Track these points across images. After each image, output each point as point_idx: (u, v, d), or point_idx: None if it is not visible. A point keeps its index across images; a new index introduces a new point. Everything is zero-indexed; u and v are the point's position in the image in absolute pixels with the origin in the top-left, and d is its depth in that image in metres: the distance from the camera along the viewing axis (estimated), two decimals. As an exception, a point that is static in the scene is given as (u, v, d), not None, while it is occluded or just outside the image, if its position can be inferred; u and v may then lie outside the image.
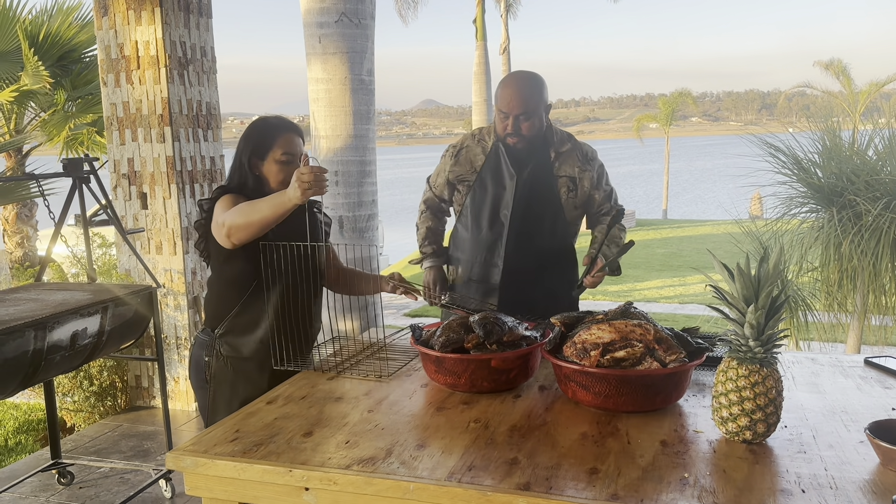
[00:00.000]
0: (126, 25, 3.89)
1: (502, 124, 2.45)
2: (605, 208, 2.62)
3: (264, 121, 2.23)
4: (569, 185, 2.52)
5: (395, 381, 1.99)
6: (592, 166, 2.56)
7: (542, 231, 2.51)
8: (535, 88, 2.42)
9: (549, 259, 2.53)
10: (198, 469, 1.54)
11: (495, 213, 2.51)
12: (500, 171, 2.51)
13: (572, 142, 2.57)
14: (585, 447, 1.52)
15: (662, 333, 1.68)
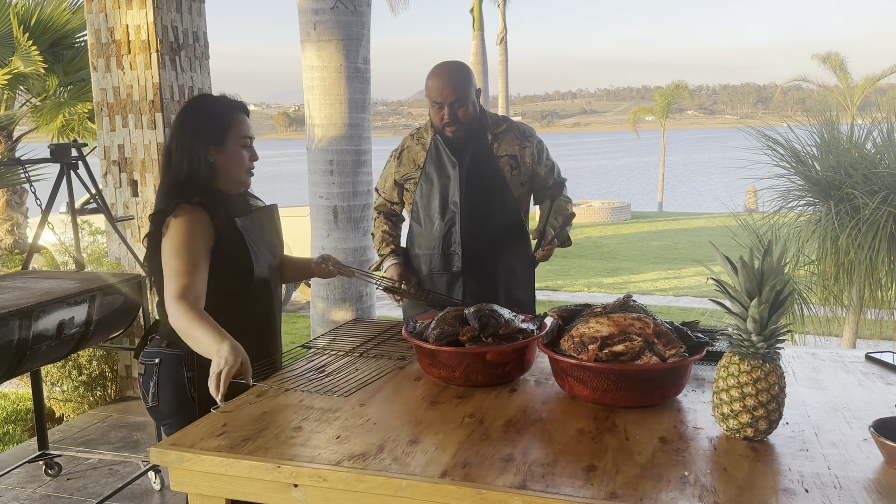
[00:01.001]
0: (117, 9, 3.81)
1: (438, 115, 2.51)
2: (549, 181, 2.68)
3: (217, 101, 2.02)
4: (511, 163, 2.58)
5: (388, 374, 1.95)
6: (531, 142, 2.63)
7: (492, 212, 2.57)
8: (463, 75, 2.50)
9: (504, 237, 2.59)
10: (183, 464, 1.49)
11: (445, 203, 2.57)
12: (442, 162, 2.58)
13: (507, 122, 2.64)
14: (582, 444, 1.48)
15: (662, 327, 1.64)
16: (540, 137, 2.70)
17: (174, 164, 1.94)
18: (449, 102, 2.46)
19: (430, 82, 2.51)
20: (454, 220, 2.56)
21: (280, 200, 11.36)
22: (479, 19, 14.35)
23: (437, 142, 2.59)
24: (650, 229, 16.67)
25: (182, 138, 1.94)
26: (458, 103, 2.47)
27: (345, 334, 2.42)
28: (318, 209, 5.09)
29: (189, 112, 1.98)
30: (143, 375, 2.02)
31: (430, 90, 2.50)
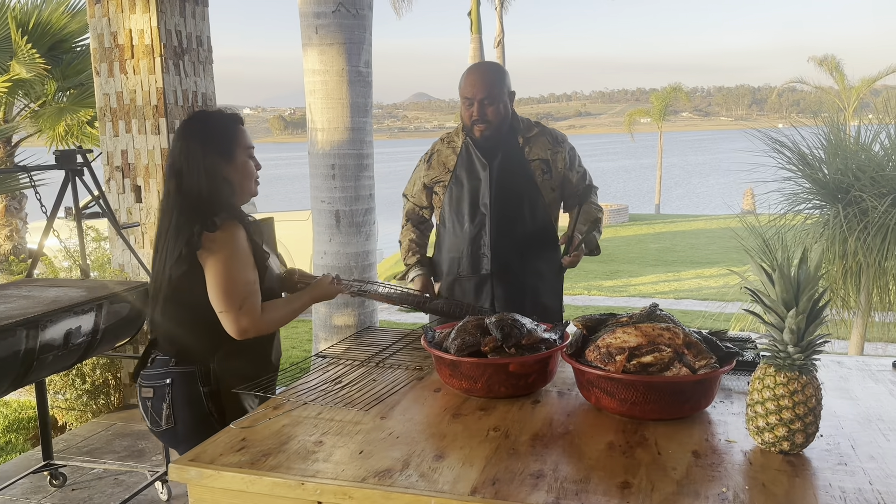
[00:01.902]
0: (120, 13, 3.77)
1: (468, 112, 2.50)
2: (580, 188, 2.65)
3: (218, 116, 1.99)
4: (542, 167, 2.56)
5: (407, 386, 1.91)
6: (563, 147, 2.60)
7: (522, 216, 2.54)
8: (496, 74, 2.50)
9: (533, 242, 2.56)
10: (203, 481, 1.45)
11: (475, 206, 2.55)
12: (472, 165, 2.56)
13: (539, 127, 2.63)
14: (614, 458, 1.44)
15: (692, 338, 1.60)
16: (572, 144, 2.67)
17: (190, 184, 1.89)
18: (479, 99, 2.45)
19: (463, 79, 2.51)
20: (484, 223, 2.53)
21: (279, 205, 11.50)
22: (477, 22, 14.32)
23: (468, 144, 2.57)
24: (648, 231, 16.66)
25: (193, 157, 1.89)
26: (488, 100, 2.46)
27: (358, 343, 2.37)
28: (321, 214, 5.05)
29: (194, 130, 1.94)
30: (152, 399, 1.93)
31: (463, 86, 2.50)
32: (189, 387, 1.91)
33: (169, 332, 1.95)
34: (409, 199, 2.79)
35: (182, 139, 1.93)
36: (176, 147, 1.94)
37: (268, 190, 33.04)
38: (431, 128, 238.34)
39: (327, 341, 5.14)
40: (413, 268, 2.69)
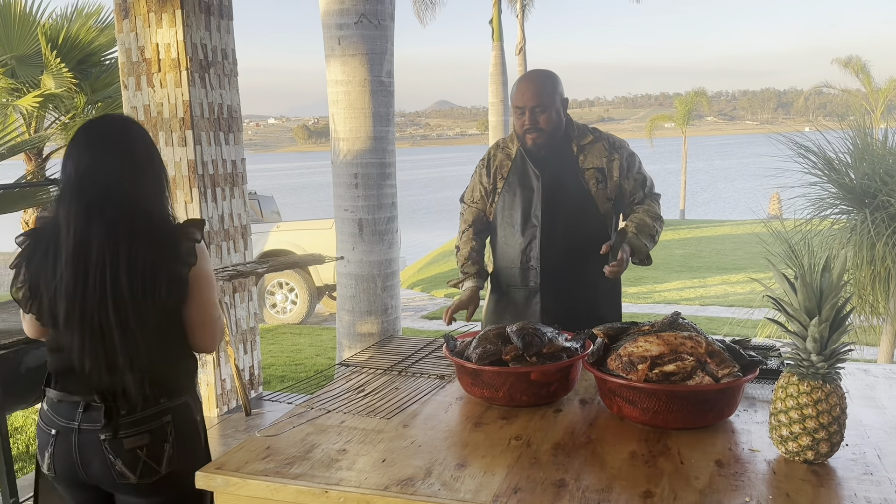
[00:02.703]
0: (147, 28, 3.84)
1: (520, 121, 2.46)
2: (638, 197, 2.54)
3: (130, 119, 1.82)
4: (597, 176, 2.48)
5: (429, 394, 1.92)
6: (621, 154, 2.51)
7: (574, 227, 2.47)
8: (549, 81, 2.45)
9: (588, 255, 2.44)
10: (229, 489, 1.48)
11: (527, 217, 2.50)
12: (526, 174, 2.52)
13: (595, 133, 2.55)
14: (636, 468, 1.44)
15: (714, 346, 1.60)
16: (632, 150, 2.57)
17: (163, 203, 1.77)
18: (530, 107, 2.40)
19: (514, 88, 2.47)
20: (535, 235, 2.48)
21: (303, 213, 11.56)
22: (499, 30, 14.35)
23: (521, 153, 2.52)
24: (673, 237, 16.51)
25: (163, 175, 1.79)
26: (540, 108, 2.41)
27: (380, 352, 2.39)
28: (344, 222, 5.09)
29: (150, 143, 1.78)
30: (148, 445, 1.67)
31: (514, 96, 2.46)
32: (186, 419, 1.75)
33: (156, 365, 1.68)
34: (470, 205, 2.69)
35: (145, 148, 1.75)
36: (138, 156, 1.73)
37: (292, 199, 33.35)
38: (454, 135, 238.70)
39: (351, 349, 5.18)
40: (469, 278, 2.57)
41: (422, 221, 24.09)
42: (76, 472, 1.70)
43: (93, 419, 1.66)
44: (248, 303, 4.38)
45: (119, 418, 1.66)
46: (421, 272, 14.04)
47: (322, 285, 9.06)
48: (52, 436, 1.69)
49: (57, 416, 1.70)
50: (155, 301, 1.65)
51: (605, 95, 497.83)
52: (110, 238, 1.64)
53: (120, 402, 1.66)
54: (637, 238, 2.43)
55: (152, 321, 1.65)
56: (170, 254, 1.68)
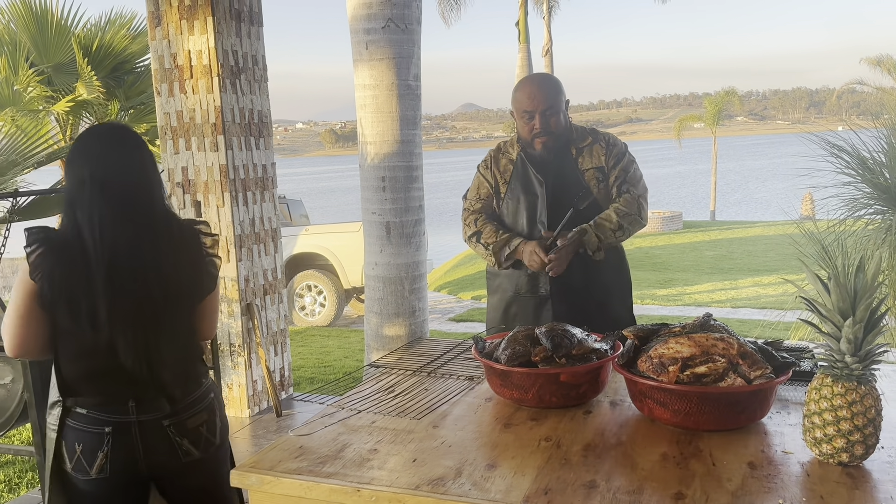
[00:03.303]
0: (179, 35, 3.92)
1: (528, 125, 2.44)
2: (623, 189, 2.50)
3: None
4: (597, 175, 2.50)
5: (458, 395, 1.93)
6: (615, 150, 2.53)
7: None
8: (553, 84, 2.46)
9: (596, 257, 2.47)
10: (263, 487, 1.50)
11: (532, 222, 2.50)
12: (528, 179, 2.52)
13: (593, 135, 2.56)
14: (667, 469, 1.43)
15: (747, 347, 1.59)
16: (625, 149, 2.57)
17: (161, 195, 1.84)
18: (541, 110, 2.40)
19: (518, 93, 2.46)
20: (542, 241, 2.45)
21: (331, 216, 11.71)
22: (525, 32, 14.35)
23: (523, 159, 2.52)
24: (703, 239, 16.33)
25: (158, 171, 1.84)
26: (550, 111, 2.42)
27: (409, 353, 2.41)
28: (371, 225, 5.13)
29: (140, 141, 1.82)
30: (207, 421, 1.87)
31: (520, 100, 2.44)
32: (219, 394, 1.98)
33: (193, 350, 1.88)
34: (476, 202, 2.63)
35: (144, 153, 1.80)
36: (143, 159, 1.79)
37: (320, 202, 33.64)
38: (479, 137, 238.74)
39: (379, 351, 5.21)
40: (513, 238, 2.48)
41: (448, 224, 24.11)
42: (135, 465, 1.76)
43: (150, 409, 1.76)
44: (279, 305, 4.43)
45: (179, 403, 1.80)
46: (448, 274, 14.06)
47: (350, 288, 9.13)
48: (106, 434, 1.73)
49: (106, 414, 1.73)
50: (198, 294, 1.82)
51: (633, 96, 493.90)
52: (146, 238, 1.73)
53: (174, 389, 1.78)
54: (592, 232, 2.40)
55: (188, 312, 1.82)
56: (201, 250, 1.83)
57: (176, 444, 1.79)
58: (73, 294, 1.67)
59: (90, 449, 1.73)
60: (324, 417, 1.80)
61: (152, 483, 1.84)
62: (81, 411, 1.74)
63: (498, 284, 2.62)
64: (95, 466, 1.74)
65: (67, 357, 1.73)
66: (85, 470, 1.74)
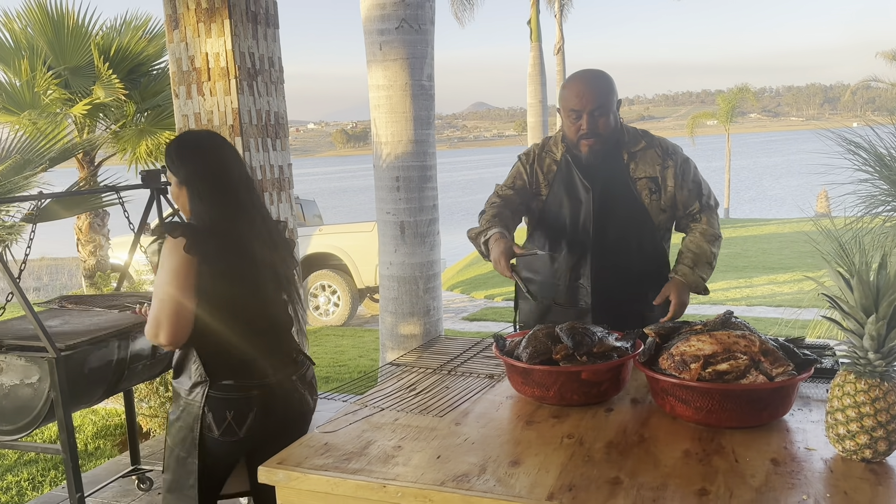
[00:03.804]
0: (196, 38, 3.95)
1: (574, 126, 2.24)
2: (694, 208, 2.36)
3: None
4: (650, 186, 2.30)
5: (479, 393, 1.95)
6: (675, 160, 2.32)
7: (628, 245, 2.31)
8: (605, 82, 2.25)
9: (643, 273, 2.33)
10: (290, 483, 1.53)
11: (575, 231, 2.32)
12: (573, 184, 2.32)
13: (647, 138, 2.35)
14: (690, 466, 1.45)
15: (769, 345, 1.60)
16: (687, 155, 2.37)
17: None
18: (589, 110, 2.19)
19: (566, 90, 2.26)
20: (585, 253, 2.30)
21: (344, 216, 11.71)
22: (537, 30, 14.34)
23: (569, 161, 2.32)
24: (717, 237, 16.22)
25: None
26: (600, 111, 2.20)
27: (429, 352, 2.43)
28: (386, 225, 5.16)
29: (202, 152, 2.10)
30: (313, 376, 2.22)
31: (567, 98, 2.23)
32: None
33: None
34: (506, 188, 2.43)
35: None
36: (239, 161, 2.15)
37: (333, 202, 33.74)
38: (490, 136, 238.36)
39: (394, 350, 5.24)
40: (494, 226, 2.25)
41: (460, 223, 24.13)
42: (275, 420, 2.03)
43: (282, 368, 2.06)
44: (296, 305, 4.46)
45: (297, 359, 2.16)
46: (460, 274, 14.07)
47: (364, 287, 9.16)
48: (252, 398, 1.99)
49: (251, 380, 1.99)
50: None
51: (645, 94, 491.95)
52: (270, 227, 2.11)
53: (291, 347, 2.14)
54: (693, 272, 2.27)
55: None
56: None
57: (302, 399, 2.11)
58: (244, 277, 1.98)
59: (240, 413, 1.97)
60: (347, 415, 1.82)
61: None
62: (228, 382, 1.97)
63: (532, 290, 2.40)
64: (245, 428, 1.99)
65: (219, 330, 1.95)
66: (234, 432, 1.98)
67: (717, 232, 2.37)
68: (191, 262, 1.87)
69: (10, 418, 2.44)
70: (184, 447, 1.99)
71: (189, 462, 1.99)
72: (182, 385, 2.00)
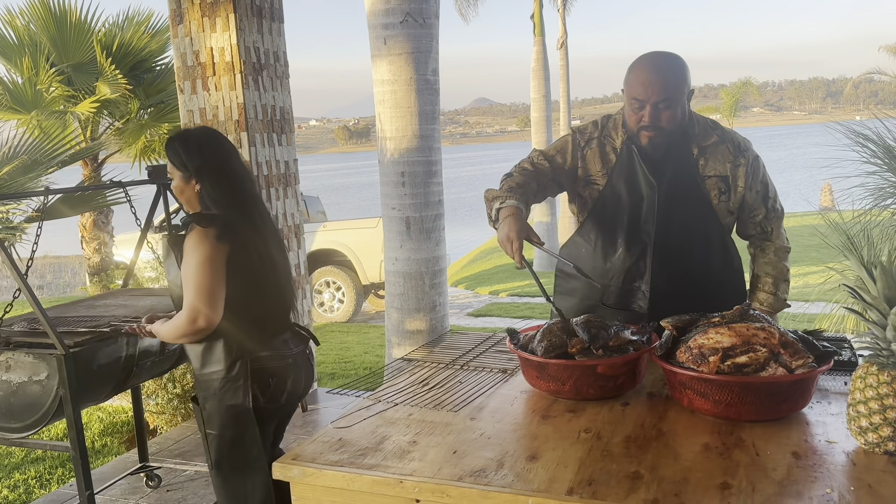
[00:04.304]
0: (201, 33, 3.94)
1: (636, 115, 2.04)
2: (759, 214, 2.18)
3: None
4: (720, 186, 2.10)
5: (493, 387, 1.93)
6: (747, 158, 2.12)
7: (694, 249, 2.13)
8: (677, 69, 2.02)
9: (710, 277, 2.16)
10: (305, 479, 1.51)
11: (634, 229, 2.12)
12: (635, 178, 2.10)
13: (718, 131, 2.14)
14: (711, 459, 1.43)
15: (788, 337, 1.57)
16: (757, 153, 2.17)
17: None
18: (653, 102, 1.99)
19: (631, 76, 2.04)
20: (644, 254, 2.12)
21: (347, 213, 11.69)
22: (540, 25, 14.28)
23: (632, 151, 2.10)
24: (721, 231, 16.16)
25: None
26: (665, 104, 1.99)
27: (440, 347, 2.41)
28: (391, 221, 5.13)
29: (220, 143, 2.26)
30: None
31: (631, 85, 2.03)
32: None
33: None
34: (542, 157, 2.21)
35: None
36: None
37: (336, 198, 33.74)
38: (493, 132, 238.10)
39: (400, 346, 5.23)
40: (511, 197, 2.03)
41: (464, 219, 24.10)
42: (302, 386, 2.29)
43: (300, 341, 2.30)
44: (303, 301, 4.45)
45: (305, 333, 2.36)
46: (464, 269, 14.05)
47: (368, 283, 9.15)
48: (289, 365, 2.21)
49: (284, 349, 2.21)
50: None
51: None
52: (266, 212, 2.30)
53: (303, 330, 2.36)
54: (777, 298, 2.17)
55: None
56: None
57: (311, 370, 2.34)
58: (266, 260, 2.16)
59: (281, 380, 2.19)
60: (361, 410, 1.81)
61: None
62: (265, 353, 2.16)
63: (573, 288, 2.27)
64: (285, 394, 2.21)
65: (252, 308, 2.15)
66: (277, 399, 2.19)
67: (787, 245, 2.23)
68: (221, 250, 2.03)
69: (19, 416, 2.43)
70: (236, 425, 2.13)
71: (247, 437, 2.13)
72: (213, 368, 2.12)
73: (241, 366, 2.11)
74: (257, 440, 2.14)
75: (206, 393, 2.15)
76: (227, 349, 2.10)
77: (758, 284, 2.23)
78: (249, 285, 2.11)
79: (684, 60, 2.07)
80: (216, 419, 2.15)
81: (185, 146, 2.15)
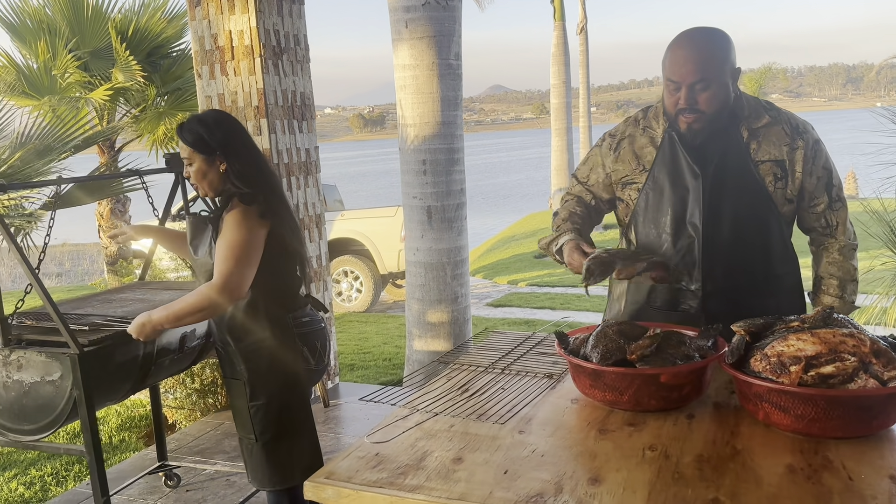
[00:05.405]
0: (219, 15, 3.78)
1: (672, 98, 1.89)
2: (821, 203, 2.00)
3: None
4: (775, 171, 1.91)
5: (540, 395, 1.77)
6: (805, 140, 1.94)
7: (746, 239, 1.95)
8: (717, 47, 1.86)
9: (768, 274, 1.99)
10: (340, 501, 1.37)
11: (679, 223, 1.95)
12: (678, 168, 1.95)
13: (772, 112, 1.96)
14: (798, 484, 1.27)
15: (880, 345, 1.40)
16: (818, 136, 1.99)
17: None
18: (689, 83, 1.83)
19: (668, 55, 1.88)
20: (692, 248, 1.94)
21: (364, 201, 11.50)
22: (560, 9, 14.02)
23: (673, 139, 1.95)
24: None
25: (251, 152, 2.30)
26: (703, 85, 1.83)
27: (476, 347, 2.26)
28: (412, 210, 4.98)
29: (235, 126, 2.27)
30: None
31: (667, 65, 1.88)
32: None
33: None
34: (583, 185, 2.16)
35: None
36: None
37: (353, 186, 33.65)
38: (508, 119, 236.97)
39: (421, 338, 5.09)
40: (567, 232, 2.00)
41: (480, 207, 23.91)
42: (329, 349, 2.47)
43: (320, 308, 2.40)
44: (325, 293, 4.31)
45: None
46: (482, 258, 13.89)
47: (386, 273, 9.02)
48: (325, 330, 2.35)
49: (317, 313, 2.34)
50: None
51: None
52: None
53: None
54: (843, 301, 2.00)
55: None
56: None
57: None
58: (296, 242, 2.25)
59: (323, 342, 2.31)
60: (397, 421, 1.66)
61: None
62: (306, 319, 2.27)
63: (620, 293, 2.13)
64: (327, 355, 2.35)
65: (291, 276, 2.26)
66: (323, 360, 2.32)
67: (854, 242, 2.04)
68: (263, 227, 2.08)
69: (32, 417, 2.31)
70: (284, 392, 2.19)
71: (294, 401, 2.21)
72: (261, 335, 2.15)
73: (288, 331, 2.19)
74: (305, 403, 2.25)
75: (254, 364, 2.17)
76: (269, 317, 2.16)
77: (821, 287, 2.05)
78: (282, 259, 2.19)
79: (727, 35, 1.89)
80: (264, 389, 2.18)
81: (205, 127, 2.12)
